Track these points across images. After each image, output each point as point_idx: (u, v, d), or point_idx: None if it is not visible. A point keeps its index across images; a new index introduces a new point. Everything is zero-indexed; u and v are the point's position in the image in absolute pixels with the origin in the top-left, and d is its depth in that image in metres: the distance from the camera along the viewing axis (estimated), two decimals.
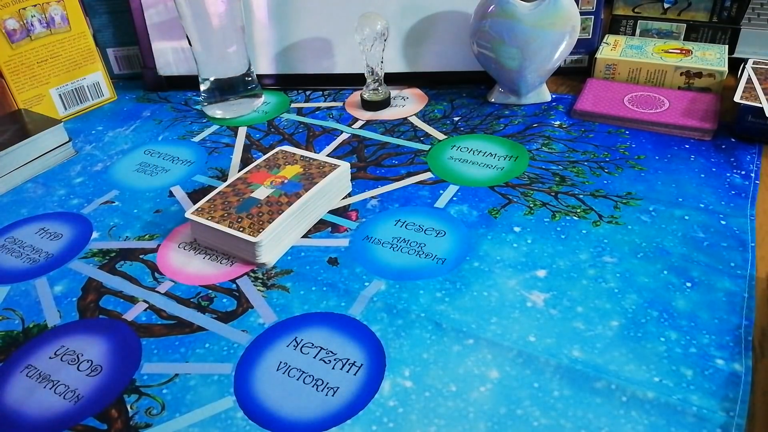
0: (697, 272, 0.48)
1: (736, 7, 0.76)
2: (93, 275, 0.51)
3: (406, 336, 0.44)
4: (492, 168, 0.62)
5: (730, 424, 0.37)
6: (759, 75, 0.67)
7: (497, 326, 0.44)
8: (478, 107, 0.74)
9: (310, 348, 0.43)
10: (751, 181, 0.58)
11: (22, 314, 0.48)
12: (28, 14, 0.70)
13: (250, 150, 0.68)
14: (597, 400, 0.39)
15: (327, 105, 0.77)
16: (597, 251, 0.50)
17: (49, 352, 0.44)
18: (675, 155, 0.62)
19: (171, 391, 0.41)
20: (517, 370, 0.41)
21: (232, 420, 0.39)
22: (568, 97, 0.75)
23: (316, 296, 0.48)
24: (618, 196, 0.57)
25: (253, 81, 0.76)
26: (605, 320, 0.44)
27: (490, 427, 0.37)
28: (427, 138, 0.69)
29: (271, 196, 0.54)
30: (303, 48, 0.79)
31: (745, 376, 0.40)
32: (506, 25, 0.67)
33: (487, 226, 0.54)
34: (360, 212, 0.57)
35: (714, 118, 0.66)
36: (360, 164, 0.64)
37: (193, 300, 0.48)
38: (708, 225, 0.52)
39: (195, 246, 0.54)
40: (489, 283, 0.48)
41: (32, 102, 0.73)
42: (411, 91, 0.79)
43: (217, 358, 0.43)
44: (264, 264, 0.51)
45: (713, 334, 0.43)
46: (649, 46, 0.78)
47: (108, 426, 0.39)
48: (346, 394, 0.40)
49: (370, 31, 0.68)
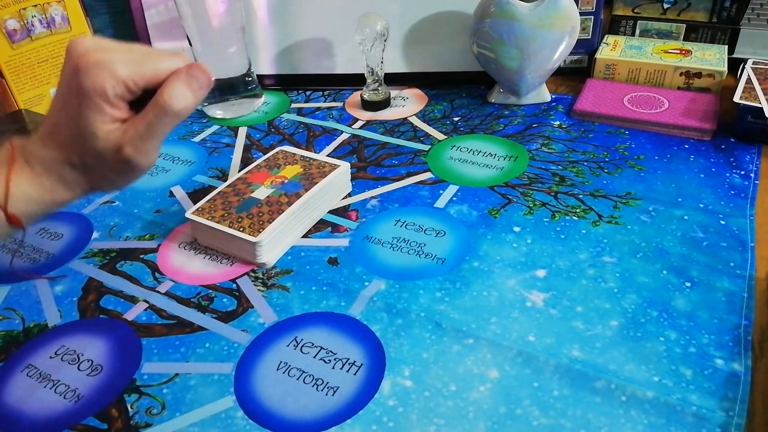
0: (696, 272, 0.48)
1: (736, 7, 0.76)
2: (93, 275, 0.51)
3: (405, 336, 0.44)
4: (492, 168, 0.62)
5: (729, 423, 0.37)
6: (758, 75, 0.67)
7: (497, 326, 0.44)
8: (478, 107, 0.74)
9: (310, 348, 0.43)
10: (751, 181, 0.58)
11: (23, 314, 0.48)
12: (29, 14, 0.70)
13: (250, 150, 0.68)
14: (596, 400, 0.39)
15: (327, 105, 0.77)
16: (596, 251, 0.50)
17: (50, 352, 0.44)
18: (674, 155, 0.62)
19: (171, 391, 0.41)
20: (516, 370, 0.41)
21: (232, 419, 0.39)
22: (567, 97, 0.75)
23: (316, 296, 0.48)
24: (617, 196, 0.57)
25: (253, 81, 0.76)
26: (605, 320, 0.44)
27: (489, 426, 0.38)
28: (427, 138, 0.69)
29: (271, 196, 0.54)
30: (303, 48, 0.79)
31: (744, 376, 0.40)
32: (506, 26, 0.67)
33: (487, 226, 0.54)
34: (360, 212, 0.57)
35: (713, 118, 0.66)
36: (360, 164, 0.64)
37: (194, 300, 0.48)
38: (707, 225, 0.52)
39: (195, 246, 0.54)
40: (489, 283, 0.48)
41: (33, 102, 0.73)
42: (411, 92, 0.79)
43: (218, 358, 0.43)
44: (264, 264, 0.51)
45: (713, 333, 0.43)
46: (648, 46, 0.78)
47: (108, 425, 0.39)
48: (346, 394, 0.40)
49: (370, 31, 0.68)
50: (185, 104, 0.41)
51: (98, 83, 0.39)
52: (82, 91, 0.39)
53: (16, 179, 0.41)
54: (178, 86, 0.41)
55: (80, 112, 0.40)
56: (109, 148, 0.41)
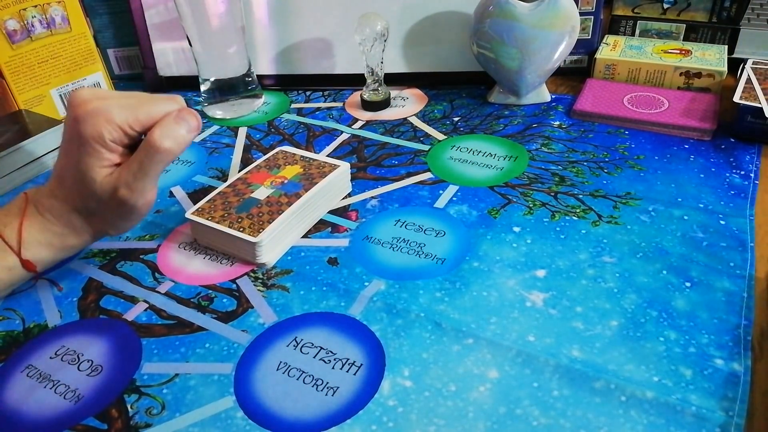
0: (696, 272, 0.48)
1: (736, 7, 0.76)
2: (93, 275, 0.51)
3: (405, 336, 0.44)
4: (491, 168, 0.62)
5: (729, 423, 0.37)
6: (758, 75, 0.67)
7: (497, 326, 0.44)
8: (478, 107, 0.75)
9: (310, 348, 0.43)
10: (751, 181, 0.58)
11: (23, 314, 0.48)
12: (29, 15, 0.70)
13: (250, 150, 0.68)
14: (596, 400, 0.39)
15: (327, 105, 0.77)
16: (596, 251, 0.51)
17: (50, 352, 0.44)
18: (674, 155, 0.62)
19: (171, 391, 0.41)
20: (516, 370, 0.41)
21: (232, 420, 0.39)
22: (567, 97, 0.75)
23: (316, 296, 0.48)
24: (617, 196, 0.57)
25: (253, 81, 0.76)
26: (604, 320, 0.44)
27: (489, 426, 0.38)
28: (427, 138, 0.69)
29: (271, 197, 0.54)
30: (303, 48, 0.79)
31: (744, 376, 0.40)
32: (506, 26, 0.67)
33: (487, 226, 0.54)
34: (360, 212, 0.57)
35: (713, 118, 0.66)
36: (360, 164, 0.64)
37: (193, 300, 0.48)
38: (707, 225, 0.52)
39: (195, 246, 0.54)
40: (488, 283, 0.48)
41: (33, 102, 0.73)
42: (411, 92, 0.79)
43: (217, 358, 0.43)
44: (264, 264, 0.51)
45: (712, 333, 0.43)
46: (648, 46, 0.78)
47: (108, 426, 0.39)
48: (346, 394, 0.40)
49: (370, 31, 0.68)
50: (173, 143, 0.44)
51: (96, 130, 0.42)
52: (82, 139, 0.43)
53: (28, 227, 0.45)
54: (168, 126, 0.44)
55: (80, 159, 0.43)
56: (107, 190, 0.44)
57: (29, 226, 0.45)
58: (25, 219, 0.45)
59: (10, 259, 0.45)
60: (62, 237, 0.46)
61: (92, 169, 0.43)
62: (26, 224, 0.45)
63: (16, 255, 0.45)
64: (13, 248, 0.45)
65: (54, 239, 0.46)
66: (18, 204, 0.46)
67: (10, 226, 0.45)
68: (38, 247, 0.46)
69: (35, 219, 0.46)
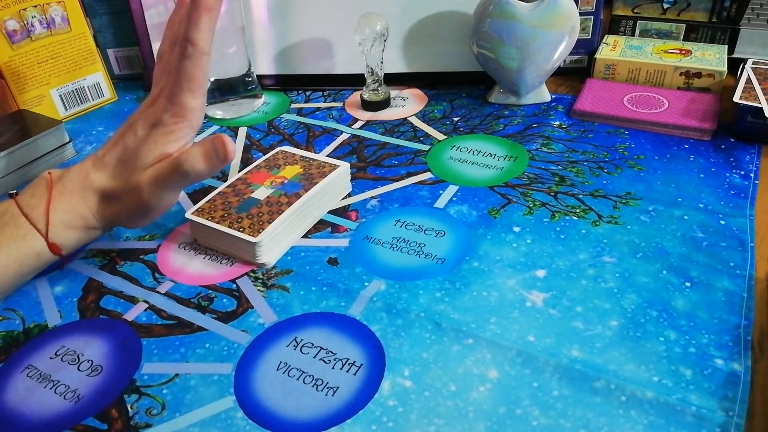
0: (696, 272, 0.48)
1: (736, 7, 0.76)
2: (93, 275, 0.51)
3: (405, 336, 0.44)
4: (491, 168, 0.62)
5: (729, 423, 0.37)
6: (758, 75, 0.67)
7: (497, 326, 0.44)
8: (478, 107, 0.75)
9: (310, 348, 0.43)
10: (751, 181, 0.58)
11: (23, 314, 0.48)
12: (29, 15, 0.70)
13: (250, 150, 0.68)
14: (596, 400, 0.39)
15: (327, 105, 0.77)
16: (596, 251, 0.51)
17: (50, 352, 0.44)
18: (674, 155, 0.62)
19: (171, 391, 0.41)
20: (516, 370, 0.41)
21: (232, 420, 0.39)
22: (567, 97, 0.75)
23: (316, 296, 0.48)
24: (617, 196, 0.57)
25: (253, 81, 0.76)
26: (604, 320, 0.44)
27: (489, 426, 0.38)
28: (427, 138, 0.69)
29: (271, 197, 0.54)
30: (303, 48, 0.79)
31: (744, 376, 0.40)
32: (506, 26, 0.67)
33: (487, 226, 0.54)
34: (360, 212, 0.57)
35: (713, 118, 0.66)
36: (360, 164, 0.64)
37: (193, 300, 0.48)
38: (707, 225, 0.52)
39: (195, 246, 0.54)
40: (488, 283, 0.48)
41: (33, 103, 0.73)
42: (411, 92, 0.79)
43: (217, 358, 0.43)
44: (264, 264, 0.51)
45: (712, 333, 0.43)
46: (648, 46, 0.78)
47: (108, 426, 0.39)
48: (346, 394, 0.40)
49: (370, 31, 0.68)
50: (195, 169, 0.45)
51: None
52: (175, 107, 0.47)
53: (54, 208, 0.46)
54: (196, 151, 0.45)
55: (148, 135, 0.47)
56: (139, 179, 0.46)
57: (55, 207, 0.45)
58: (52, 200, 0.45)
59: (38, 243, 0.45)
60: (85, 219, 0.47)
61: (158, 144, 0.46)
62: (53, 205, 0.45)
63: (44, 237, 0.45)
64: (41, 231, 0.45)
65: (78, 221, 0.47)
66: (44, 185, 0.46)
67: (37, 209, 0.45)
68: (63, 230, 0.46)
69: (62, 199, 0.46)
